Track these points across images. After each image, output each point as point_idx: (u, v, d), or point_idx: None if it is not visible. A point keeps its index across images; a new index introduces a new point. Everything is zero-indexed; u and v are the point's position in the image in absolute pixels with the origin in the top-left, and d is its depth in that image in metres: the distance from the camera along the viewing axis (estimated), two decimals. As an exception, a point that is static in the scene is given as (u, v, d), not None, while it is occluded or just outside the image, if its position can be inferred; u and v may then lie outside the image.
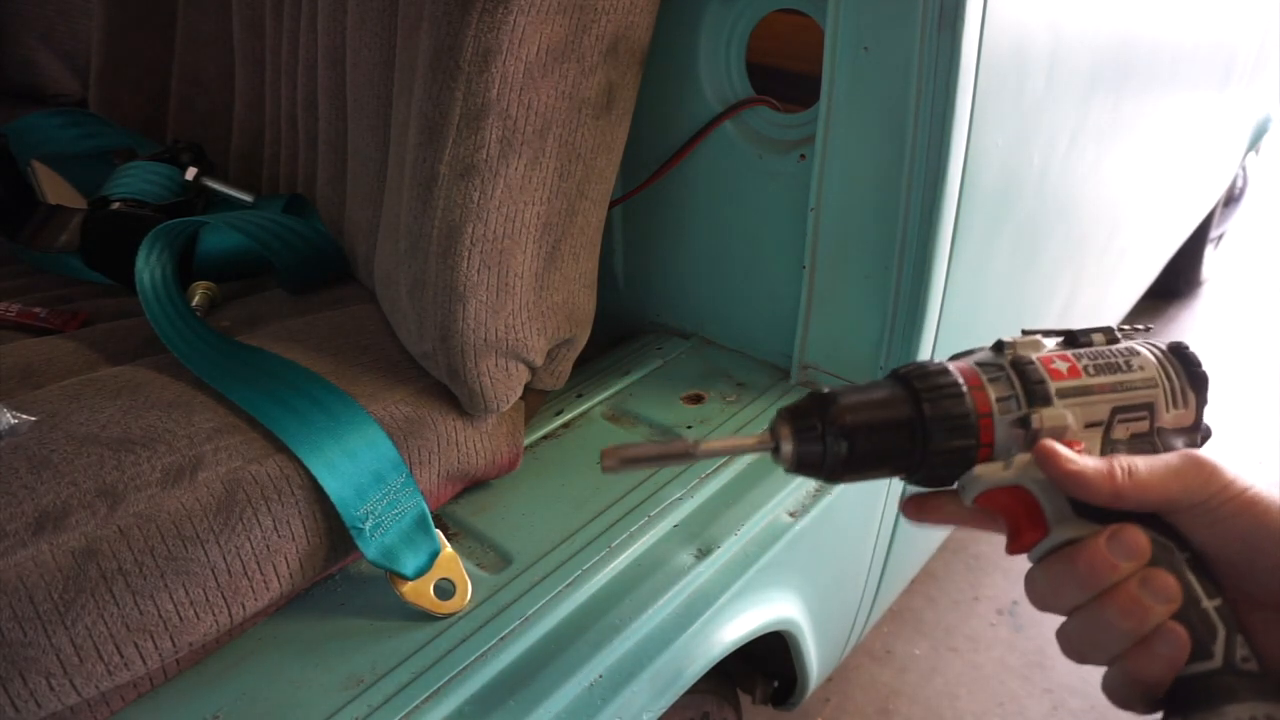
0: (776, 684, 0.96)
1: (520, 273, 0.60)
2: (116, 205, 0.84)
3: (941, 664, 1.35)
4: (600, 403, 0.83)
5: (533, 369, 0.66)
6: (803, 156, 0.77)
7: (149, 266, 0.73)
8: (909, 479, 0.40)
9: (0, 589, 0.44)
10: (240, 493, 0.52)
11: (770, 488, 0.70)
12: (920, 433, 0.38)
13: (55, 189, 0.96)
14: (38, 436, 0.52)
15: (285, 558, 0.53)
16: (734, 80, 0.82)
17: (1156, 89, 1.09)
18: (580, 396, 0.83)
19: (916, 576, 1.40)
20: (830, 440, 0.38)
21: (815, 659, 0.84)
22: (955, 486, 0.41)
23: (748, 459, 0.73)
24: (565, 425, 0.79)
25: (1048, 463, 0.37)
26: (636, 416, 0.80)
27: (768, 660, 0.94)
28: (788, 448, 0.39)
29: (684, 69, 0.82)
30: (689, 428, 0.78)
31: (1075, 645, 0.37)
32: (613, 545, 0.63)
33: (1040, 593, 0.38)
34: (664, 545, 0.64)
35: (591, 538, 0.64)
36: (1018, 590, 1.47)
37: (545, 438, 0.77)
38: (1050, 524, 0.38)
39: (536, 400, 0.78)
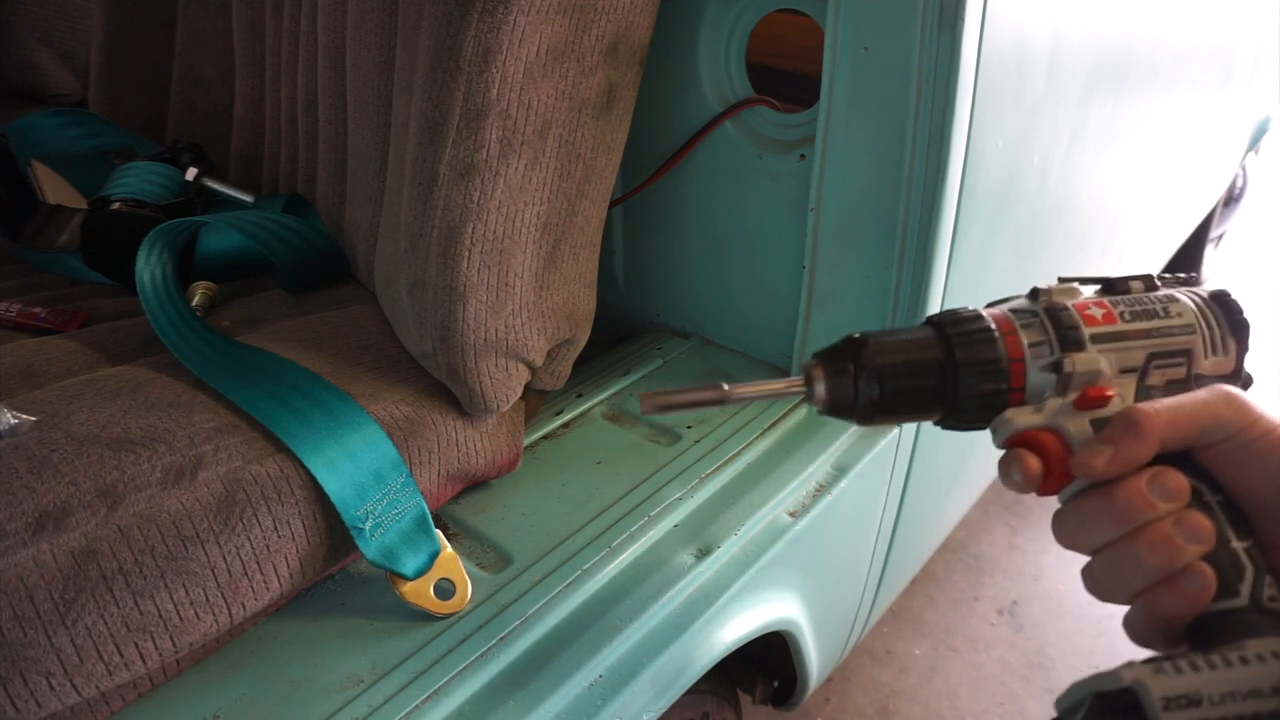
0: (776, 684, 0.96)
1: (520, 273, 0.60)
2: (116, 205, 0.84)
3: (941, 664, 1.35)
4: (600, 403, 0.83)
5: (533, 369, 0.66)
6: (803, 156, 0.77)
7: (149, 266, 0.73)
8: (940, 422, 0.41)
9: (0, 589, 0.44)
10: (240, 493, 0.52)
11: (770, 488, 0.70)
12: (951, 376, 0.39)
13: (55, 189, 0.96)
14: (38, 436, 0.52)
15: (285, 558, 0.53)
16: (734, 80, 0.82)
17: (1156, 89, 1.09)
18: (580, 396, 0.83)
19: (916, 576, 1.40)
20: (862, 382, 0.39)
21: (815, 659, 0.84)
22: (987, 429, 0.41)
23: (749, 458, 0.73)
24: (565, 425, 0.79)
25: (1085, 474, 0.37)
26: (636, 416, 0.80)
27: (768, 660, 0.94)
28: (820, 389, 0.40)
29: (684, 69, 0.82)
30: (689, 428, 0.78)
31: (1100, 581, 0.37)
32: (613, 545, 0.63)
33: (1070, 530, 0.38)
34: (664, 545, 0.64)
35: (591, 538, 0.64)
36: (1018, 590, 1.47)
37: (545, 438, 0.77)
38: None
39: (536, 400, 0.78)
